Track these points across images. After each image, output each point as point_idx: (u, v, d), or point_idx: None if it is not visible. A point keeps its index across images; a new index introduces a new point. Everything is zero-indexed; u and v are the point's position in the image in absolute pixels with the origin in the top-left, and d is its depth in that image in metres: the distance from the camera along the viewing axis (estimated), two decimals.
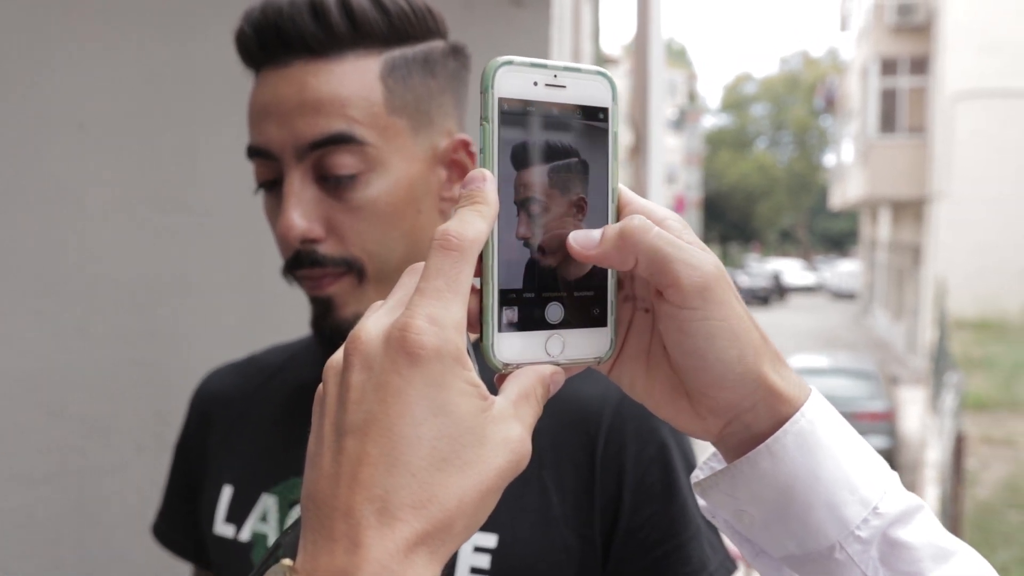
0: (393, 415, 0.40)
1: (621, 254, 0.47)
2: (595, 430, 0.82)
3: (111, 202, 1.50)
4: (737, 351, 0.47)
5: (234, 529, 0.89)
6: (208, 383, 1.01)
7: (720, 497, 0.51)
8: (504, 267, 0.46)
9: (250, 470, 0.91)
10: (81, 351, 1.50)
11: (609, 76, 0.50)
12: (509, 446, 0.43)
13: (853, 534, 0.48)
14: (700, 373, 0.48)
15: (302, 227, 0.79)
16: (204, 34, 1.55)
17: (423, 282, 0.43)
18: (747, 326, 0.48)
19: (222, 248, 1.59)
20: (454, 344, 0.42)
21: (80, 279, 1.49)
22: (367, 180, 0.80)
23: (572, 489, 0.80)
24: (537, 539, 0.78)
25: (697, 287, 0.46)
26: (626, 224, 0.47)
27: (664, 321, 0.48)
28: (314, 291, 0.82)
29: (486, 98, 0.46)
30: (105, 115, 1.49)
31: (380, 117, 0.80)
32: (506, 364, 0.47)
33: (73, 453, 1.50)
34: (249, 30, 0.81)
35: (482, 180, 0.45)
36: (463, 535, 0.42)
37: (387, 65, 0.81)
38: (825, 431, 0.49)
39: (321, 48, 0.79)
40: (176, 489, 1.01)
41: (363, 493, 0.40)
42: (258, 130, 0.81)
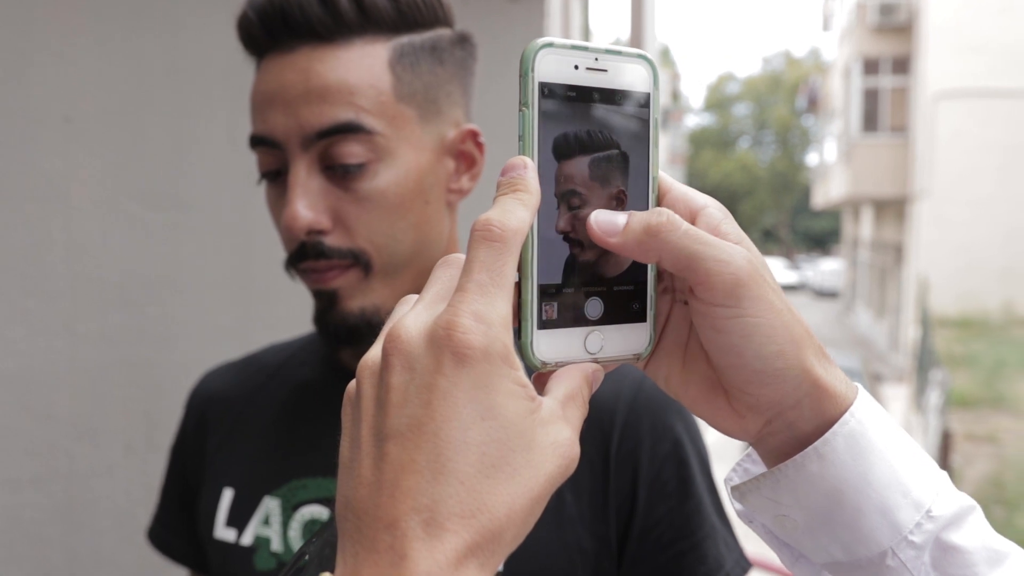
0: (439, 419, 0.38)
1: (643, 249, 0.45)
2: (609, 427, 0.80)
3: (98, 198, 1.47)
4: (776, 347, 0.45)
5: (235, 533, 0.86)
6: (205, 383, 0.99)
7: (760, 501, 0.49)
8: (543, 260, 0.44)
9: (251, 472, 0.88)
10: (68, 351, 1.46)
11: (651, 60, 0.48)
12: (559, 450, 0.40)
13: (906, 539, 0.45)
14: (737, 370, 0.46)
15: (308, 218, 0.76)
16: (193, 28, 1.52)
17: (465, 276, 0.40)
18: (786, 320, 0.45)
19: (212, 245, 1.56)
20: (501, 343, 0.39)
21: (66, 277, 1.45)
22: (375, 170, 0.77)
23: (586, 488, 0.78)
24: (552, 539, 0.76)
25: (728, 285, 0.44)
26: (652, 220, 0.44)
27: (698, 318, 0.46)
28: (319, 284, 0.80)
29: (526, 82, 0.43)
30: (92, 109, 1.45)
31: (388, 105, 0.77)
32: (545, 363, 0.44)
33: (60, 455, 1.46)
34: (253, 15, 0.78)
35: (523, 167, 0.43)
36: (512, 544, 0.39)
37: (395, 52, 0.78)
38: (876, 431, 0.46)
39: (328, 34, 0.77)
40: (172, 492, 0.98)
41: (408, 503, 0.37)
42: (262, 118, 0.78)
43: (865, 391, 0.48)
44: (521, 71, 0.44)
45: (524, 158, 0.43)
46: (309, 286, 0.81)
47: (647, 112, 0.47)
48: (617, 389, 0.81)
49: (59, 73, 1.42)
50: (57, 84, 1.42)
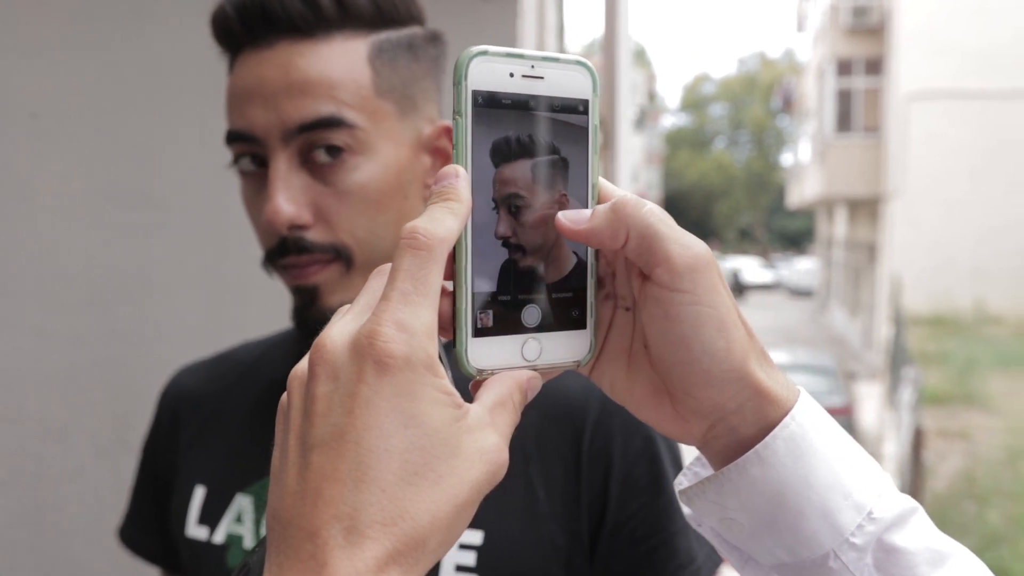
0: (361, 428, 0.38)
1: (613, 229, 0.45)
2: (581, 424, 0.80)
3: (66, 196, 1.45)
4: (725, 342, 0.45)
5: (208, 531, 0.85)
6: (177, 381, 0.98)
7: (707, 505, 0.49)
8: (478, 268, 0.44)
9: (223, 470, 0.87)
10: (36, 351, 1.44)
11: (590, 66, 0.47)
12: (485, 457, 0.40)
13: (848, 541, 0.46)
14: (684, 367, 0.46)
15: (289, 212, 0.75)
16: (164, 23, 1.50)
17: (390, 285, 0.40)
18: (734, 318, 0.46)
19: (184, 244, 1.55)
20: (424, 351, 0.39)
21: (34, 276, 1.43)
22: (355, 164, 0.77)
23: (559, 484, 0.78)
24: (524, 535, 0.76)
25: (688, 266, 0.44)
26: (619, 200, 0.45)
27: (650, 307, 0.46)
28: (299, 280, 0.79)
29: (459, 91, 0.43)
30: (59, 106, 1.43)
31: (368, 100, 0.77)
32: (480, 370, 0.44)
33: (29, 458, 1.44)
34: (231, 10, 0.78)
35: (455, 176, 0.43)
36: (437, 552, 0.39)
37: (374, 47, 0.79)
38: (817, 434, 0.46)
39: (308, 28, 0.76)
40: (144, 491, 0.97)
41: (330, 511, 0.37)
42: (239, 113, 0.78)
43: (807, 394, 0.48)
44: (455, 80, 0.43)
45: (456, 167, 0.43)
46: (289, 283, 0.81)
47: (586, 119, 0.47)
48: (589, 388, 0.81)
49: (25, 68, 1.40)
50: (22, 79, 1.40)
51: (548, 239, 0.46)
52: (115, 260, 1.49)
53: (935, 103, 16.08)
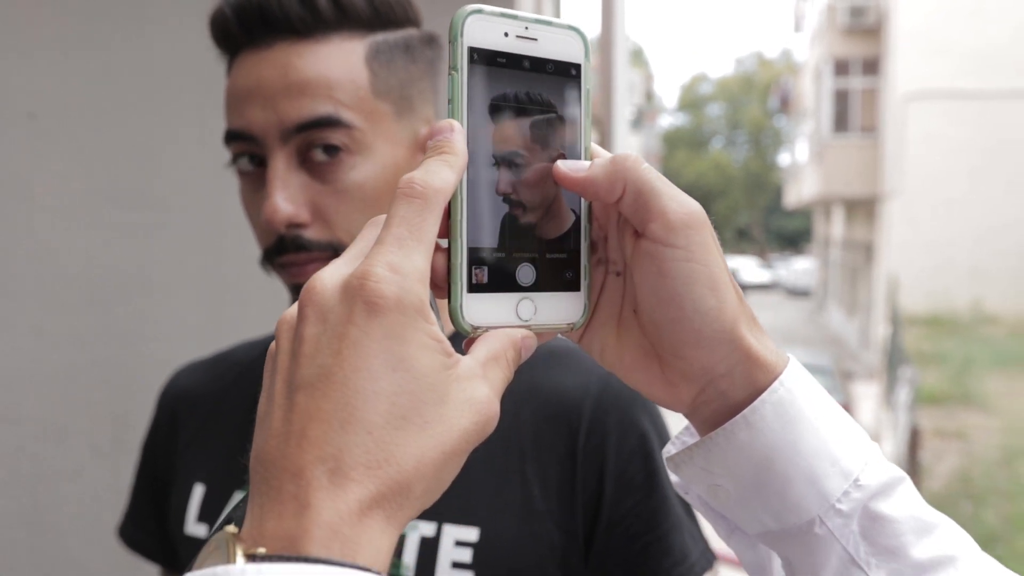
0: (348, 369, 0.37)
1: (610, 180, 0.45)
2: (576, 422, 0.80)
3: (65, 196, 1.45)
4: (716, 301, 0.45)
5: (207, 528, 0.86)
6: (176, 380, 0.98)
7: (694, 471, 0.49)
8: (474, 224, 0.44)
9: (222, 468, 0.87)
10: (35, 352, 1.44)
11: (582, 32, 0.48)
12: (474, 407, 0.40)
13: (834, 507, 0.46)
14: (675, 326, 0.46)
15: (288, 211, 0.76)
16: (161, 23, 1.50)
17: (384, 230, 0.40)
18: (726, 280, 0.46)
19: (181, 244, 1.55)
20: (416, 295, 0.39)
21: (32, 276, 1.44)
22: (353, 163, 0.78)
23: (554, 482, 0.79)
24: (520, 532, 0.77)
25: (683, 222, 0.45)
26: (618, 154, 0.46)
27: (643, 264, 0.46)
28: (297, 278, 0.79)
29: (455, 47, 0.44)
30: (58, 106, 1.44)
31: (366, 101, 0.78)
32: (475, 327, 0.44)
33: (27, 458, 1.44)
34: (229, 11, 0.79)
35: (450, 130, 0.43)
36: (422, 499, 0.38)
37: (372, 49, 0.79)
38: (805, 400, 0.46)
39: (306, 29, 0.77)
40: (143, 490, 0.98)
41: (314, 452, 0.36)
42: (238, 113, 0.78)
43: (796, 361, 0.48)
44: (450, 36, 0.44)
45: (452, 121, 0.43)
46: (287, 280, 0.81)
47: (578, 83, 0.48)
48: (584, 385, 0.82)
49: (23, 69, 1.41)
50: (21, 80, 1.40)
51: (547, 196, 0.47)
52: (114, 260, 1.49)
53: (932, 103, 16.11)
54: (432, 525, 0.76)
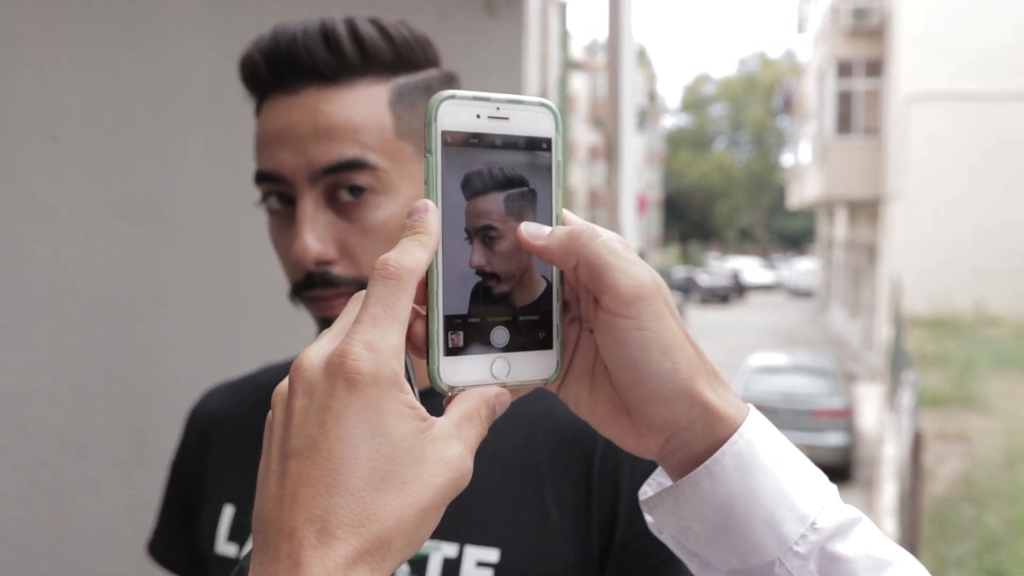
0: (332, 438, 0.42)
1: (564, 253, 0.49)
2: (592, 447, 0.84)
3: (83, 215, 1.48)
4: (670, 364, 0.48)
5: (237, 548, 0.89)
6: (205, 402, 1.02)
7: (665, 515, 0.53)
8: (450, 293, 0.48)
9: (251, 490, 0.90)
10: (54, 366, 1.48)
11: (552, 107, 0.51)
12: (448, 464, 0.44)
13: (792, 550, 0.49)
14: (635, 387, 0.50)
15: (317, 249, 0.80)
16: (175, 47, 1.54)
17: (362, 311, 0.45)
18: (680, 341, 0.49)
19: (194, 260, 1.58)
20: (390, 369, 0.43)
21: (51, 293, 1.47)
22: (378, 203, 0.81)
23: (570, 504, 0.82)
24: (538, 553, 0.80)
25: (633, 295, 0.48)
26: (575, 228, 0.49)
27: (601, 331, 0.50)
28: (325, 311, 0.83)
29: (429, 131, 0.47)
30: (78, 128, 1.47)
31: (390, 143, 0.81)
32: (452, 387, 0.48)
33: (46, 470, 1.48)
34: (259, 57, 0.82)
35: (424, 211, 0.47)
36: (403, 551, 0.43)
37: (395, 92, 0.83)
38: (764, 450, 0.50)
39: (333, 75, 0.80)
40: (172, 508, 1.01)
41: (304, 514, 0.41)
42: (269, 155, 0.82)
43: (756, 412, 0.52)
44: (425, 121, 0.48)
45: (427, 201, 0.47)
46: (315, 314, 0.85)
47: (549, 155, 0.51)
48: None
49: (45, 93, 1.44)
50: (44, 104, 1.44)
51: (520, 266, 0.50)
52: (129, 277, 1.53)
53: (935, 105, 16.11)
54: (454, 546, 0.79)
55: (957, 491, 7.77)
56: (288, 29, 0.81)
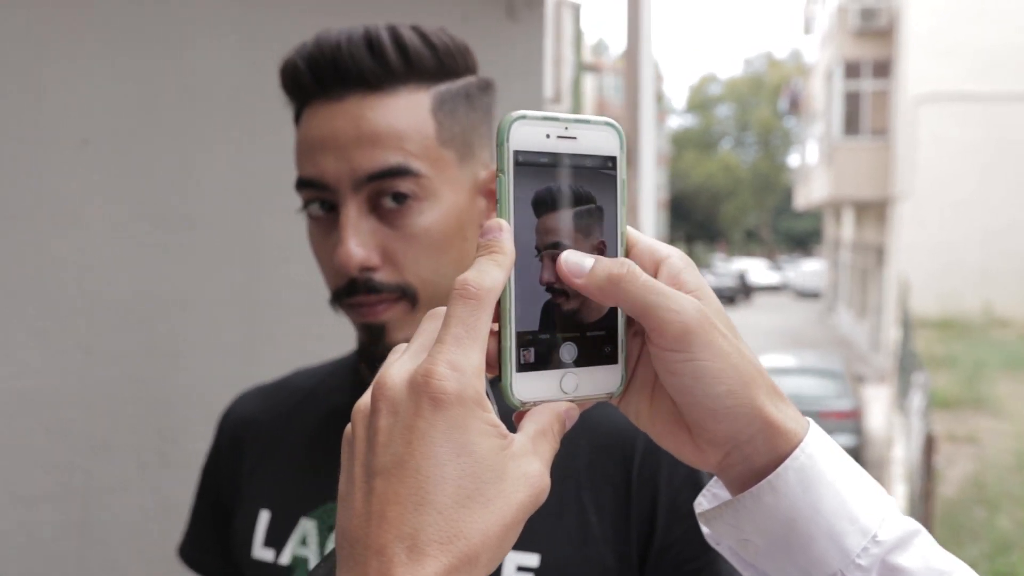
0: (419, 456, 0.43)
1: (603, 295, 0.49)
2: (630, 453, 0.84)
3: (111, 219, 1.49)
4: (724, 387, 0.49)
5: (274, 553, 0.90)
6: (238, 406, 1.02)
7: (724, 528, 0.54)
8: (521, 310, 0.49)
9: (287, 495, 0.91)
10: (82, 369, 1.49)
11: (617, 126, 0.52)
12: (529, 481, 0.45)
13: (854, 562, 0.50)
14: (693, 407, 0.50)
15: (361, 255, 0.80)
16: (202, 51, 1.55)
17: (444, 330, 0.45)
18: (734, 363, 0.50)
19: (220, 264, 1.59)
20: (474, 388, 0.44)
21: (80, 297, 1.48)
22: (421, 209, 0.82)
23: (610, 509, 0.83)
24: (577, 557, 0.81)
25: (678, 333, 0.48)
26: (614, 270, 0.49)
27: (655, 361, 0.51)
28: (368, 318, 0.83)
29: (501, 151, 0.48)
30: (107, 132, 1.48)
31: (432, 149, 0.82)
32: (523, 402, 0.49)
33: (76, 471, 1.49)
34: (302, 63, 0.82)
35: (499, 230, 0.47)
36: (487, 567, 0.44)
37: (436, 99, 0.83)
38: (825, 464, 0.51)
39: (377, 82, 0.81)
40: (204, 512, 1.02)
41: (393, 531, 0.42)
42: (312, 162, 0.82)
43: (816, 426, 0.53)
44: (497, 141, 0.48)
45: (500, 220, 0.48)
46: (357, 320, 0.85)
47: (615, 173, 0.52)
48: None
49: (75, 97, 1.45)
50: (75, 108, 1.45)
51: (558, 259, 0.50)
52: (156, 281, 1.54)
53: (943, 105, 16.08)
54: None
55: (968, 493, 7.76)
56: (332, 36, 0.81)
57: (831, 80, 19.02)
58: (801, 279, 34.72)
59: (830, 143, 18.70)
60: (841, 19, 18.37)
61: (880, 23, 17.74)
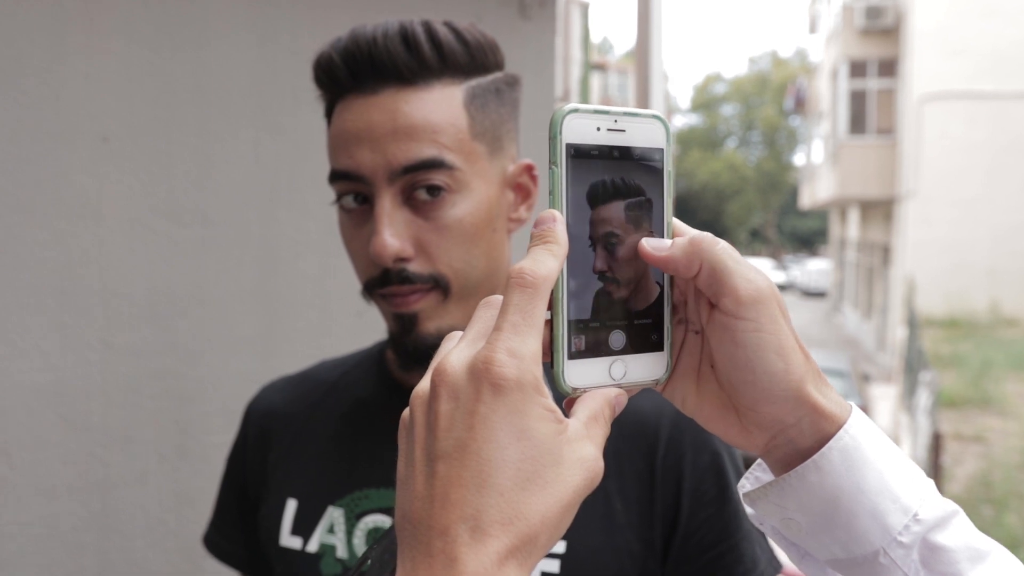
0: (480, 440, 0.44)
1: (688, 259, 0.51)
2: (654, 441, 0.86)
3: (130, 215, 1.51)
4: (784, 364, 0.51)
5: (301, 541, 0.91)
6: (263, 398, 1.03)
7: (768, 507, 0.55)
8: (573, 300, 0.50)
9: (314, 484, 0.93)
10: (102, 363, 1.51)
11: (663, 119, 0.53)
12: (584, 465, 0.46)
13: (896, 540, 0.51)
14: (747, 387, 0.52)
15: (395, 246, 0.82)
16: (218, 49, 1.57)
17: (502, 318, 0.46)
18: (793, 344, 0.51)
19: (237, 260, 1.61)
20: (532, 374, 0.45)
21: (100, 292, 1.50)
22: (453, 201, 0.83)
23: (634, 496, 0.84)
24: (603, 544, 0.82)
25: (752, 298, 0.50)
26: (696, 235, 0.52)
27: (717, 333, 0.52)
28: (401, 307, 0.85)
29: (555, 144, 0.49)
30: (125, 129, 1.50)
31: (465, 143, 0.84)
32: (575, 388, 0.50)
33: (95, 464, 1.51)
34: (338, 58, 0.83)
35: (552, 221, 0.49)
36: (546, 547, 0.45)
37: (469, 94, 0.85)
38: (868, 445, 0.52)
39: (412, 76, 0.82)
40: (230, 502, 1.03)
41: (456, 512, 0.43)
42: (347, 154, 0.83)
43: (859, 410, 0.54)
44: (550, 134, 0.49)
45: (554, 212, 0.49)
46: (390, 310, 0.86)
47: (661, 164, 0.53)
48: (660, 406, 0.87)
49: (94, 95, 1.47)
50: (92, 106, 1.47)
51: (638, 271, 0.52)
52: (173, 276, 1.55)
53: (949, 104, 16.05)
54: None
55: (975, 492, 7.75)
56: (367, 31, 0.83)
57: (836, 79, 18.99)
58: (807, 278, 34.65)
59: (836, 142, 18.68)
60: (847, 17, 18.34)
61: (886, 21, 17.71)
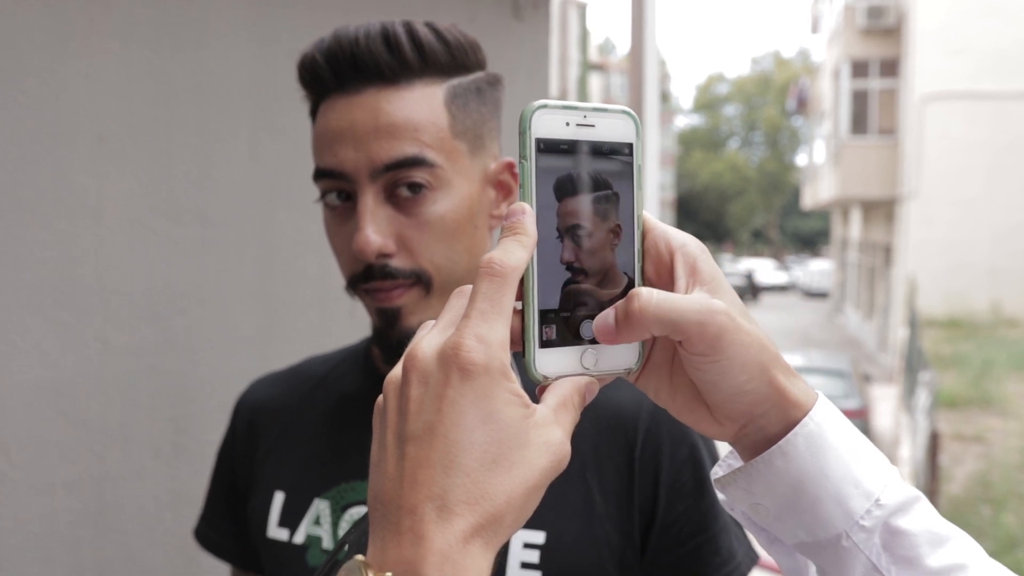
0: (448, 423, 0.46)
1: (636, 331, 0.51)
2: (633, 434, 0.87)
3: (128, 214, 1.53)
4: (747, 376, 0.52)
5: (288, 532, 0.93)
6: (253, 392, 1.05)
7: (738, 492, 0.57)
8: (543, 289, 0.51)
9: (301, 477, 0.95)
10: (100, 360, 1.52)
11: (633, 115, 0.55)
12: (550, 448, 0.48)
13: (858, 524, 0.53)
14: (714, 391, 0.54)
15: (378, 242, 0.83)
16: (216, 49, 1.58)
17: (471, 305, 0.48)
18: (755, 353, 0.52)
19: (235, 259, 1.63)
20: (499, 360, 0.47)
21: (98, 291, 1.52)
22: (434, 198, 0.85)
23: (613, 488, 0.86)
24: (582, 535, 0.84)
25: (708, 341, 0.51)
26: (626, 309, 0.51)
27: (684, 361, 0.54)
28: (384, 303, 0.86)
29: (524, 139, 0.51)
30: (123, 129, 1.51)
31: (446, 141, 0.85)
32: (545, 376, 0.51)
33: (92, 460, 1.52)
34: (321, 58, 0.85)
35: (522, 213, 0.50)
36: (512, 527, 0.47)
37: (450, 93, 0.86)
38: (832, 431, 0.53)
39: (393, 76, 0.84)
40: (219, 495, 1.05)
41: (424, 492, 0.45)
42: (331, 152, 0.85)
43: (824, 397, 0.56)
44: (520, 129, 0.51)
45: (524, 204, 0.51)
46: (373, 305, 0.88)
47: (631, 159, 0.54)
48: (638, 399, 0.89)
49: (92, 95, 1.49)
50: (91, 105, 1.48)
51: (605, 263, 0.53)
52: (171, 275, 1.57)
53: (951, 104, 16.04)
54: None
55: (974, 492, 7.75)
56: (350, 31, 0.84)
57: (838, 79, 18.99)
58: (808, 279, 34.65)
59: (837, 142, 18.67)
60: (848, 17, 18.34)
61: (888, 21, 17.71)
